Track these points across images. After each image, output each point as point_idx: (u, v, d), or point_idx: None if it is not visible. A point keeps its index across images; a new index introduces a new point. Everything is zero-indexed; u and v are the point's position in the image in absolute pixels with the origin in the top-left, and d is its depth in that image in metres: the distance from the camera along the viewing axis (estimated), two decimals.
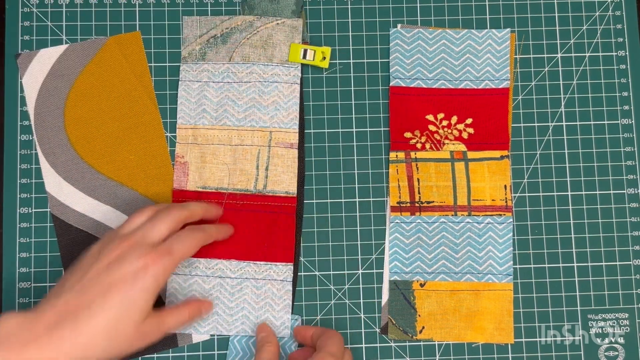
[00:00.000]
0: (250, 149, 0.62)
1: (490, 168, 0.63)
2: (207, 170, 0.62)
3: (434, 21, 0.66)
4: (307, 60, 0.63)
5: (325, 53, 0.63)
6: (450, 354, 0.62)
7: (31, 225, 0.62)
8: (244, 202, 0.62)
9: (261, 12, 0.64)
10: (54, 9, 0.64)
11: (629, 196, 0.64)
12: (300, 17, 0.64)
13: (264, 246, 0.61)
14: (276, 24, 0.64)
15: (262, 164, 0.62)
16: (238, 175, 0.62)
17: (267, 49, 0.63)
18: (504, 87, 0.64)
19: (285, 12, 0.64)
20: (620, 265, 0.63)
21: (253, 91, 0.63)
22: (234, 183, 0.62)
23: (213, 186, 0.62)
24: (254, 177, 0.62)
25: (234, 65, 0.63)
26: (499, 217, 0.63)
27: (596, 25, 0.66)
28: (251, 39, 0.63)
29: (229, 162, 0.62)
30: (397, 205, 0.63)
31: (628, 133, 0.65)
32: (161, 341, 0.60)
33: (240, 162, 0.62)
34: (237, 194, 0.62)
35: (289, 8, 0.64)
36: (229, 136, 0.63)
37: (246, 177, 0.62)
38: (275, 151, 0.62)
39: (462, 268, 0.62)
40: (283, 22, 0.64)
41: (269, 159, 0.62)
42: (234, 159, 0.62)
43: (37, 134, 0.63)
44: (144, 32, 0.64)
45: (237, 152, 0.62)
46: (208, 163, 0.62)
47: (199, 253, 0.60)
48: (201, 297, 0.61)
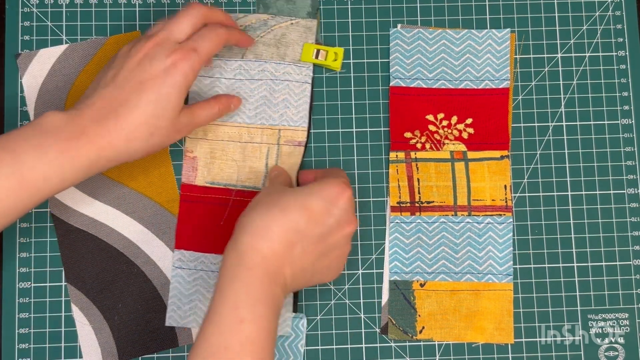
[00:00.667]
0: (259, 146, 0.62)
1: (490, 168, 0.63)
2: (216, 166, 0.62)
3: (434, 21, 0.66)
4: (319, 60, 0.63)
5: (338, 54, 0.63)
6: (450, 354, 0.62)
7: (31, 225, 0.62)
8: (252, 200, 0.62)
9: (276, 11, 0.64)
10: (54, 9, 0.64)
11: (629, 196, 0.64)
12: (316, 18, 0.64)
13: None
14: (290, 23, 0.64)
15: (271, 162, 0.62)
16: (247, 172, 0.62)
17: (280, 48, 0.63)
18: (504, 87, 0.64)
19: (300, 13, 0.64)
20: (620, 265, 0.63)
21: (264, 89, 0.63)
22: (242, 180, 0.62)
23: (222, 182, 0.62)
24: (262, 175, 0.62)
25: (247, 63, 0.63)
26: (499, 217, 0.63)
27: (596, 25, 0.66)
28: (265, 37, 0.63)
29: (238, 158, 0.62)
30: (397, 205, 0.63)
31: (628, 133, 0.65)
32: (162, 341, 0.60)
33: (250, 160, 0.62)
34: (245, 191, 0.62)
35: (305, 9, 0.64)
36: (239, 133, 0.63)
37: (255, 175, 0.62)
38: (284, 149, 0.63)
39: (462, 268, 0.62)
40: (297, 22, 0.64)
41: (278, 157, 0.62)
42: (243, 156, 0.62)
43: None
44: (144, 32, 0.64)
45: (247, 149, 0.63)
46: (217, 159, 0.62)
47: (204, 248, 0.60)
48: (206, 292, 0.61)
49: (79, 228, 0.62)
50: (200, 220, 0.62)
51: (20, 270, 0.61)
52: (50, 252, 0.62)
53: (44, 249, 0.62)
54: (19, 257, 0.61)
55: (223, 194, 0.62)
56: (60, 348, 0.61)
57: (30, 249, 0.61)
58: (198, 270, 0.61)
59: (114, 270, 0.61)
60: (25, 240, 0.62)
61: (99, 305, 0.61)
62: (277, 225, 0.50)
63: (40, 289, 0.61)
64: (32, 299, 0.61)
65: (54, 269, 0.61)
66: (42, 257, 0.61)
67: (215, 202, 0.62)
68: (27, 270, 0.61)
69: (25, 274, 0.61)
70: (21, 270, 0.61)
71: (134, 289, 0.61)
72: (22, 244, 0.62)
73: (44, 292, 0.61)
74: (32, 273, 0.61)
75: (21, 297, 0.61)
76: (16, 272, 0.61)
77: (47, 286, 0.61)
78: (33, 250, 0.61)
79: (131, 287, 0.61)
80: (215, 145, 0.63)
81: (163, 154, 0.63)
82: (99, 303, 0.61)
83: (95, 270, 0.61)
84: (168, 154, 0.63)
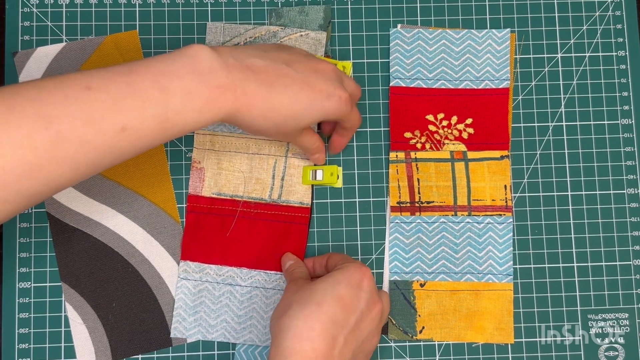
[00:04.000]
0: (267, 158, 0.62)
1: (490, 168, 0.63)
2: (222, 177, 0.62)
3: (434, 21, 0.66)
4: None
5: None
6: (450, 354, 0.62)
7: (31, 225, 0.62)
8: (258, 211, 0.62)
9: (288, 22, 0.64)
10: (54, 9, 0.64)
11: (629, 196, 0.64)
12: (326, 30, 0.64)
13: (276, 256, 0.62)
14: (300, 35, 0.63)
15: (278, 173, 0.62)
16: (253, 183, 0.62)
17: None
18: (504, 87, 0.64)
19: (312, 25, 0.64)
20: (620, 265, 0.63)
21: None
22: (249, 191, 0.62)
23: (228, 193, 0.62)
24: (269, 187, 0.62)
25: None
26: (499, 217, 0.63)
27: (596, 25, 0.66)
28: None
29: (245, 170, 0.62)
30: (397, 205, 0.63)
31: (628, 133, 0.65)
32: (156, 341, 0.60)
33: (257, 171, 0.62)
34: (252, 202, 0.62)
35: (317, 21, 0.64)
36: (247, 144, 0.63)
37: (261, 186, 0.62)
38: (291, 162, 0.62)
39: (462, 268, 0.62)
40: (307, 35, 0.63)
41: (285, 169, 0.62)
42: (250, 167, 0.62)
43: None
44: (144, 32, 0.64)
45: (254, 160, 0.62)
46: (224, 170, 0.62)
47: (210, 259, 0.61)
48: (211, 304, 0.61)
49: (73, 226, 0.62)
50: (207, 231, 0.62)
51: (20, 270, 0.61)
52: (50, 252, 0.61)
53: (44, 249, 0.62)
54: (19, 257, 0.61)
55: (229, 205, 0.62)
56: (60, 348, 0.61)
57: (30, 249, 0.61)
58: (203, 282, 0.61)
59: (109, 269, 0.61)
60: (25, 240, 0.62)
61: (93, 304, 0.61)
62: (317, 322, 0.49)
63: (40, 289, 0.61)
64: (32, 299, 0.61)
65: (54, 269, 0.61)
66: (42, 257, 0.61)
67: (222, 212, 0.62)
68: (27, 270, 0.61)
69: (25, 274, 0.61)
70: (21, 270, 0.61)
71: (128, 288, 0.61)
72: (22, 244, 0.62)
73: (44, 292, 0.61)
74: (32, 273, 0.61)
75: (21, 297, 0.61)
76: (16, 272, 0.61)
77: (46, 286, 0.61)
78: (33, 250, 0.61)
79: (126, 287, 0.61)
80: (222, 156, 0.63)
81: (159, 153, 0.63)
82: (93, 302, 0.61)
83: (90, 269, 0.61)
84: (164, 153, 0.63)
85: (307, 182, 0.62)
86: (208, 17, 0.65)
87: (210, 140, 0.63)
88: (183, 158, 0.63)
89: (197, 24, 0.65)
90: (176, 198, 0.63)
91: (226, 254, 0.61)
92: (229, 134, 0.63)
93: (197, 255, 0.61)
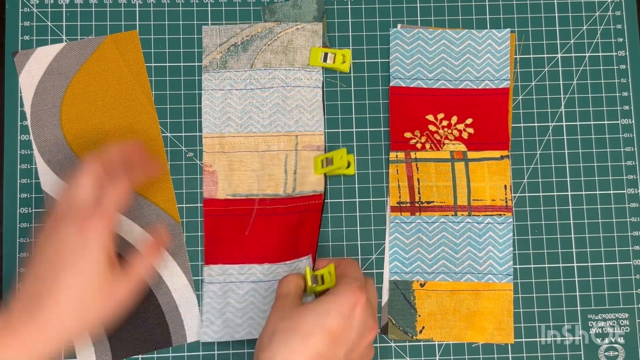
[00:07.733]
0: (277, 154, 0.62)
1: (490, 168, 0.63)
2: (235, 177, 0.62)
3: (434, 21, 0.66)
4: (327, 63, 0.63)
5: (345, 56, 0.63)
6: (450, 354, 0.62)
7: (31, 225, 0.62)
8: (275, 207, 0.62)
9: (282, 17, 0.64)
10: (54, 9, 0.64)
11: (629, 196, 0.64)
12: (321, 21, 0.64)
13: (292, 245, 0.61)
14: (296, 29, 0.63)
15: (290, 168, 0.62)
16: (267, 180, 0.62)
17: (289, 54, 0.63)
18: (504, 87, 0.64)
19: (307, 17, 0.64)
20: (620, 265, 0.63)
21: (276, 96, 0.63)
22: (263, 188, 0.62)
23: (243, 193, 0.62)
24: (282, 182, 0.62)
25: (256, 72, 0.63)
26: (499, 217, 0.63)
27: (596, 25, 0.66)
28: (272, 45, 0.63)
29: (256, 168, 0.62)
30: (397, 206, 0.63)
31: (628, 133, 0.65)
32: (156, 341, 0.60)
33: (268, 168, 0.62)
34: (267, 199, 0.62)
35: (311, 13, 0.64)
36: (256, 142, 0.63)
37: (275, 182, 0.62)
38: (302, 154, 0.62)
39: (462, 268, 0.62)
40: (303, 27, 0.64)
41: (297, 162, 0.62)
42: (262, 165, 0.62)
43: (33, 133, 0.62)
44: (144, 32, 0.64)
45: (265, 158, 0.62)
46: (236, 171, 0.62)
47: (231, 260, 0.61)
48: (237, 303, 0.60)
49: None
50: (225, 232, 0.62)
51: (20, 270, 0.61)
52: None
53: None
54: (19, 257, 0.61)
55: (246, 204, 0.62)
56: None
57: (30, 249, 0.61)
58: (227, 283, 0.61)
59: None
60: (25, 240, 0.62)
61: None
62: (302, 357, 0.47)
63: None
64: None
65: None
66: None
67: (238, 212, 0.62)
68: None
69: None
70: (21, 270, 0.61)
71: None
72: (22, 244, 0.61)
73: None
74: None
75: None
76: (16, 272, 0.61)
77: None
78: (33, 250, 0.61)
79: None
80: (232, 157, 0.63)
81: (160, 152, 0.63)
82: None
83: None
84: (164, 153, 0.63)
85: (320, 172, 0.62)
86: (208, 17, 0.65)
87: (219, 143, 0.63)
88: (183, 158, 0.63)
89: (197, 24, 0.65)
90: (176, 198, 0.63)
91: (246, 252, 0.61)
92: (237, 134, 0.63)
93: (219, 257, 0.61)
